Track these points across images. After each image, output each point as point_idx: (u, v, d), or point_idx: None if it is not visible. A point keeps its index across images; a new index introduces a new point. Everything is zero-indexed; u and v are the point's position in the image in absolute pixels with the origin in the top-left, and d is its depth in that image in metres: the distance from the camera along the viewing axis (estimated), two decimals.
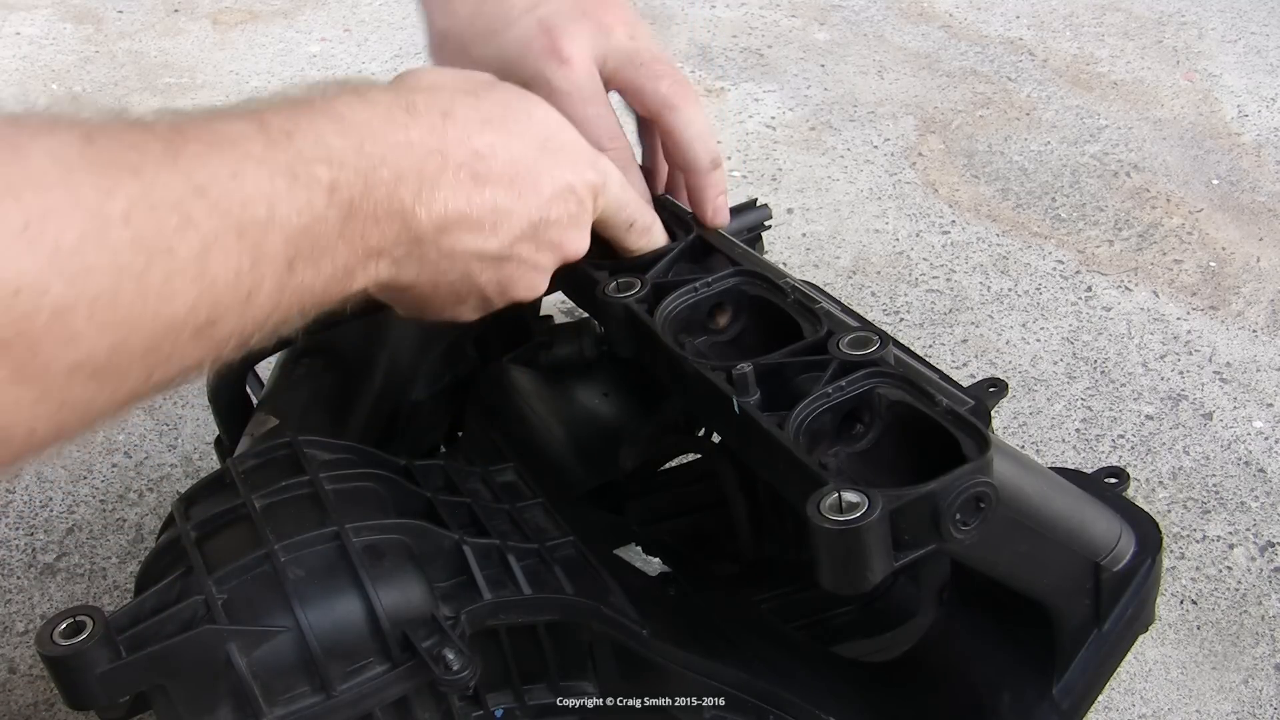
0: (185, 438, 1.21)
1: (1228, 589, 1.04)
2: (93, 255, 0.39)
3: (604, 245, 0.68)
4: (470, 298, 0.61)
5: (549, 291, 0.84)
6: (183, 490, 0.68)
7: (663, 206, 0.72)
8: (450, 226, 0.56)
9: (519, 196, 0.59)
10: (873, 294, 1.36)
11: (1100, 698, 0.68)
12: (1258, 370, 1.25)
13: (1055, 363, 1.26)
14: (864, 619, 0.81)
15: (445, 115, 0.57)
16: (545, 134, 0.61)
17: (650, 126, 0.73)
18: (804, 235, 1.46)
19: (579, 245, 0.64)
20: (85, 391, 0.41)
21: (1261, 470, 1.14)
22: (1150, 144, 1.60)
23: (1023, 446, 1.16)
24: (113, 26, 1.97)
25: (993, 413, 0.71)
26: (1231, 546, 1.07)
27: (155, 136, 0.43)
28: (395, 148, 0.53)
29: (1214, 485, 1.12)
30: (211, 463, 1.15)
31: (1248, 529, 1.08)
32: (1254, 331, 1.30)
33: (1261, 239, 1.43)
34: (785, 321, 0.62)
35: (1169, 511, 1.10)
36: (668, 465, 0.88)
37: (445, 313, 0.62)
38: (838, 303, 0.64)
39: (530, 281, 0.63)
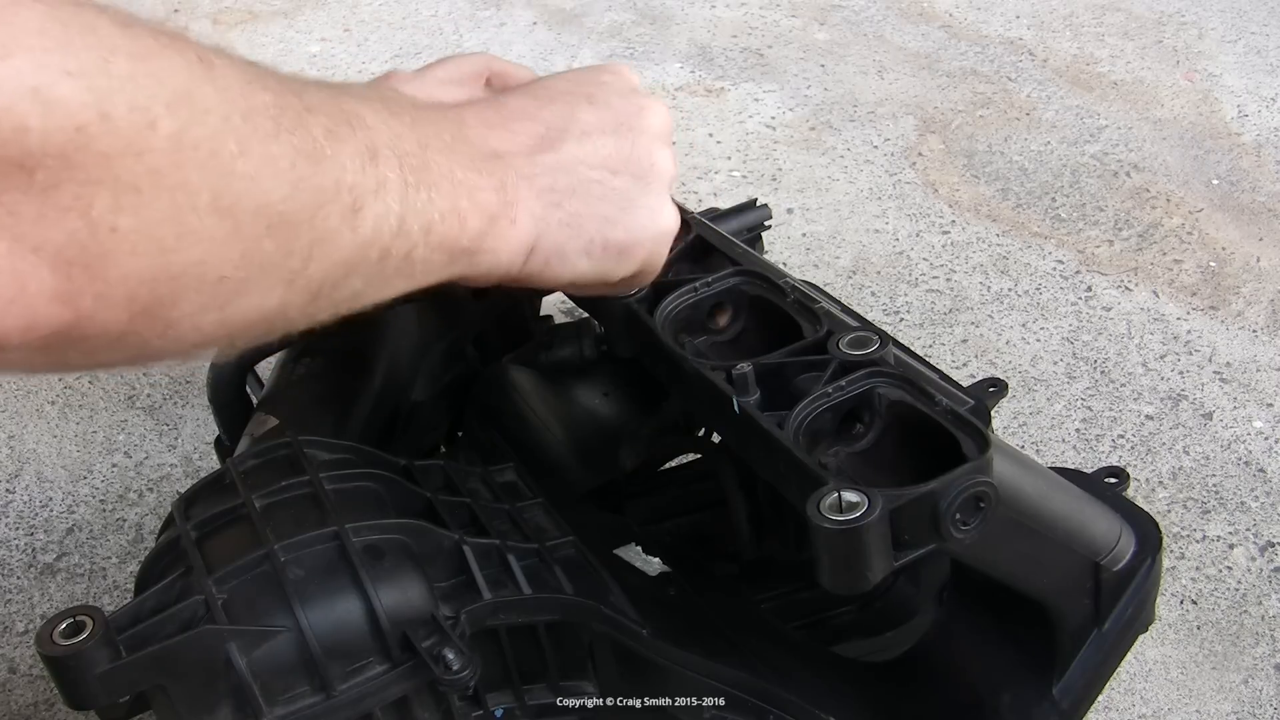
0: (185, 438, 1.21)
1: (1228, 589, 1.04)
2: (257, 97, 0.42)
3: None
4: (619, 187, 0.60)
5: (549, 292, 0.84)
6: (183, 490, 0.68)
7: None
8: (513, 155, 0.56)
9: (550, 101, 0.60)
10: (873, 294, 1.36)
11: (1100, 698, 0.68)
12: (1258, 370, 1.25)
13: (1055, 363, 1.26)
14: (864, 619, 0.81)
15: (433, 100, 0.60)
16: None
17: None
18: (804, 235, 1.46)
19: (662, 111, 0.63)
20: (264, 246, 0.43)
21: (1261, 470, 1.14)
22: (1150, 144, 1.60)
23: (1023, 446, 1.16)
24: None
25: (993, 413, 0.71)
26: (1231, 546, 1.07)
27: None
28: (416, 107, 0.55)
29: (1214, 485, 1.12)
30: (211, 463, 1.15)
31: (1248, 529, 1.08)
32: (1254, 331, 1.30)
33: (1261, 239, 1.43)
34: (785, 321, 0.62)
35: (1169, 511, 1.10)
36: (668, 465, 0.88)
37: (626, 220, 0.60)
38: (838, 303, 0.64)
39: (650, 149, 0.61)
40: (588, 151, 0.59)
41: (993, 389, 0.74)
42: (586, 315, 0.73)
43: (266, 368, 0.79)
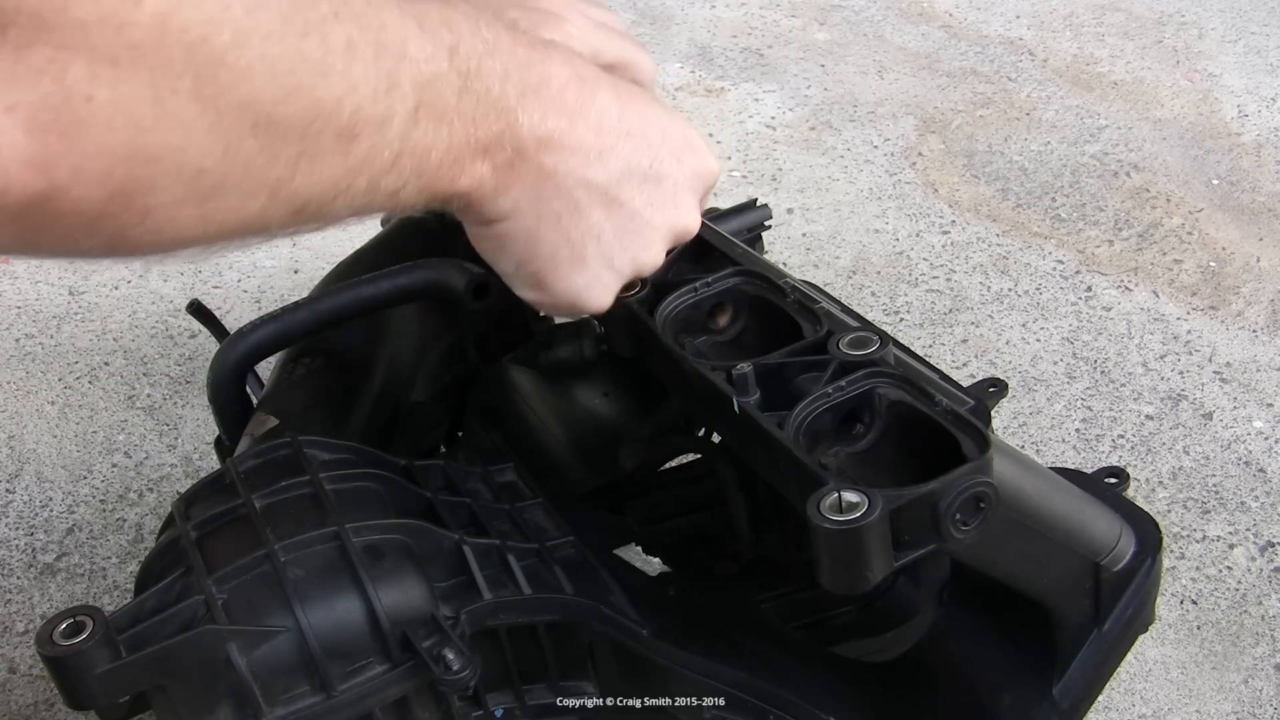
0: (185, 438, 1.21)
1: (1228, 589, 1.04)
2: None
3: None
4: (588, 251, 0.58)
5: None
6: (183, 490, 0.68)
7: None
8: (552, 144, 0.54)
9: (626, 134, 0.58)
10: (873, 294, 1.36)
11: (1100, 698, 0.68)
12: (1258, 370, 1.25)
13: (1055, 363, 1.26)
14: (864, 619, 0.81)
15: (551, 43, 0.57)
16: (662, 107, 0.61)
17: None
18: (804, 235, 1.46)
19: (692, 218, 0.62)
20: (247, 146, 0.41)
21: (1261, 470, 1.14)
22: (1150, 144, 1.60)
23: (1023, 446, 1.16)
24: None
25: (993, 413, 0.71)
26: (1231, 546, 1.07)
27: None
28: (505, 45, 0.53)
29: (1214, 485, 1.12)
30: (211, 463, 1.15)
31: (1248, 529, 1.08)
32: (1254, 331, 1.30)
33: (1261, 239, 1.43)
34: (785, 321, 0.62)
35: (1169, 511, 1.10)
36: (668, 465, 0.88)
37: (565, 274, 0.58)
38: (838, 303, 0.64)
39: (647, 241, 0.60)
40: (606, 202, 0.58)
41: (993, 389, 0.74)
42: (586, 315, 0.73)
43: (266, 368, 0.79)
